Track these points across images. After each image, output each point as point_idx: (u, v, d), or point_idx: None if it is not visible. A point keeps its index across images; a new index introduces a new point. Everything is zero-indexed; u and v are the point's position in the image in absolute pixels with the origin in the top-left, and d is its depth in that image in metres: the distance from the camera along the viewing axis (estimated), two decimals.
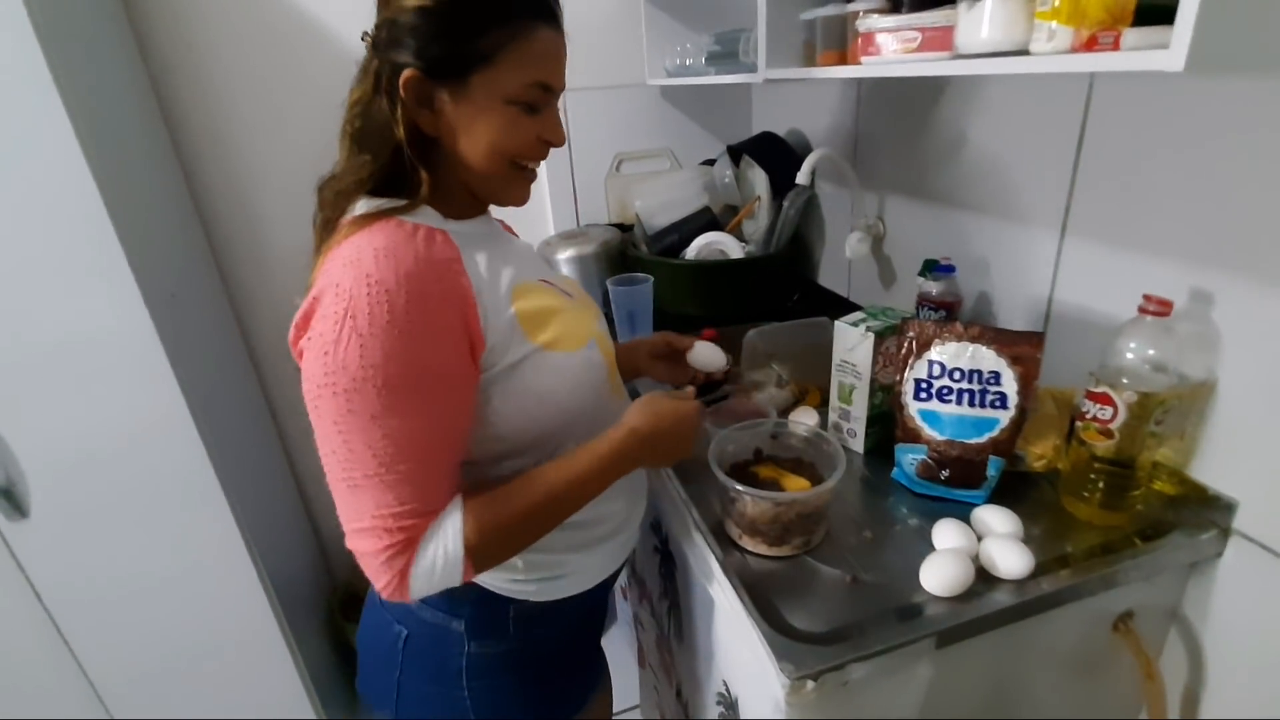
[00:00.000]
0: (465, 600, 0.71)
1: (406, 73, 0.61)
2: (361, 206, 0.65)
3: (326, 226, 0.67)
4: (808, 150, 1.25)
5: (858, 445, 0.95)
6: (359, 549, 0.59)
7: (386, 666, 0.76)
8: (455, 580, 0.60)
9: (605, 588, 0.83)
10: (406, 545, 0.58)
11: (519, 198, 0.71)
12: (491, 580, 0.72)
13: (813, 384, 1.08)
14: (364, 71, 0.65)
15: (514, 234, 0.85)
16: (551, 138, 0.68)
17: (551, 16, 0.64)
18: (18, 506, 1.10)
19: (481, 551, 0.61)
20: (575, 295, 0.80)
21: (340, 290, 0.57)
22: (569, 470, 0.66)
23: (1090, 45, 0.57)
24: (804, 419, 0.98)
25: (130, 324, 1.06)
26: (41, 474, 1.10)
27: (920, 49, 0.75)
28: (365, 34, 0.65)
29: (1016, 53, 0.63)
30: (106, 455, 1.13)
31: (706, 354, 0.92)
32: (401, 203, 0.64)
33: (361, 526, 0.58)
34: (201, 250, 1.44)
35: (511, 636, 0.74)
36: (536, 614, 0.74)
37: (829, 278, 1.58)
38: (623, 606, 1.50)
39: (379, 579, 0.59)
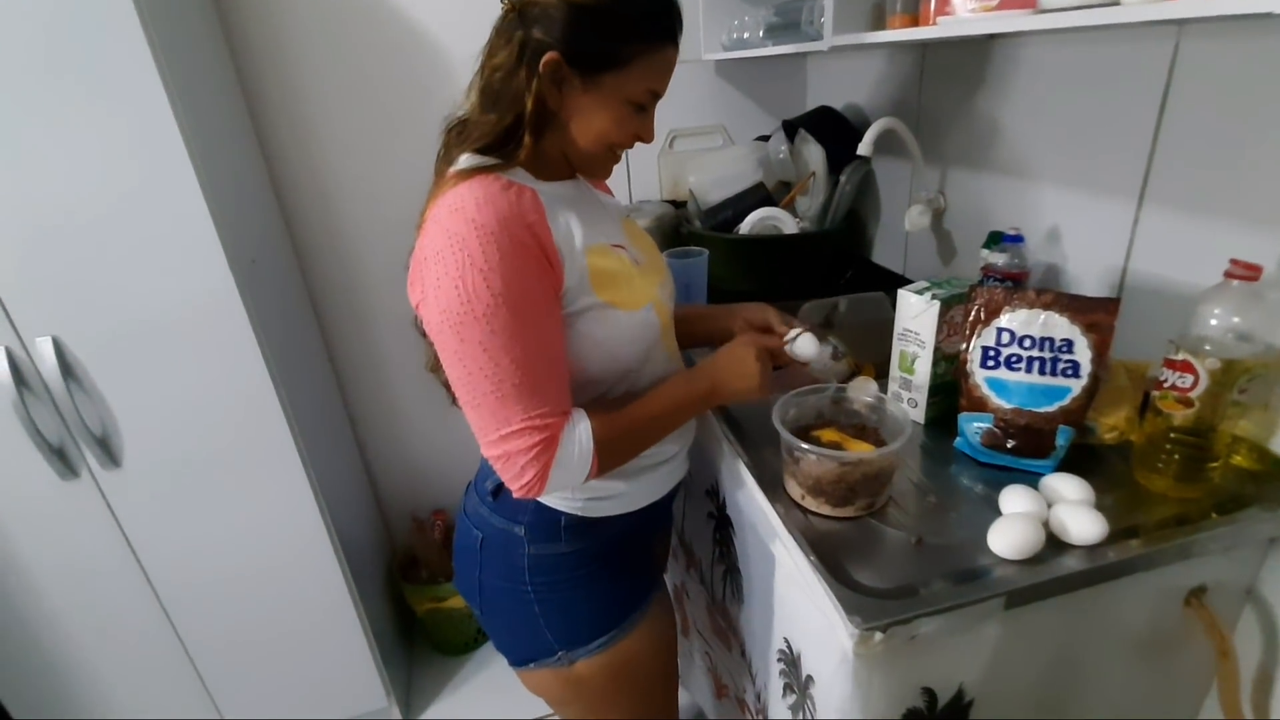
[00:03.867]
0: (525, 510, 0.83)
1: (551, 55, 0.68)
2: (464, 161, 0.73)
3: (446, 161, 0.77)
4: (866, 125, 1.23)
5: (919, 415, 0.94)
6: (508, 450, 0.69)
7: (470, 565, 0.89)
8: (583, 475, 0.72)
9: (652, 514, 0.91)
10: (551, 441, 0.69)
11: (605, 174, 0.84)
12: (546, 495, 0.78)
13: (866, 360, 1.07)
14: (503, 37, 0.72)
15: (609, 192, 0.95)
16: (645, 136, 0.78)
17: (677, 36, 0.75)
18: (112, 457, 1.18)
19: (606, 449, 0.72)
20: (645, 259, 0.86)
21: (452, 234, 0.66)
22: (669, 400, 0.79)
23: None
24: (865, 387, 0.98)
25: (216, 286, 1.12)
26: (135, 428, 1.18)
27: (1000, 7, 0.74)
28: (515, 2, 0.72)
29: (1107, 4, 0.61)
30: (194, 412, 1.20)
31: (806, 346, 0.87)
32: (499, 162, 0.72)
33: (509, 430, 0.68)
34: (278, 223, 1.50)
35: (564, 542, 0.84)
36: (585, 527, 0.84)
37: (883, 255, 1.56)
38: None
39: (524, 475, 0.69)
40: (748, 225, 1.45)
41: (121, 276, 1.09)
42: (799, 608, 0.75)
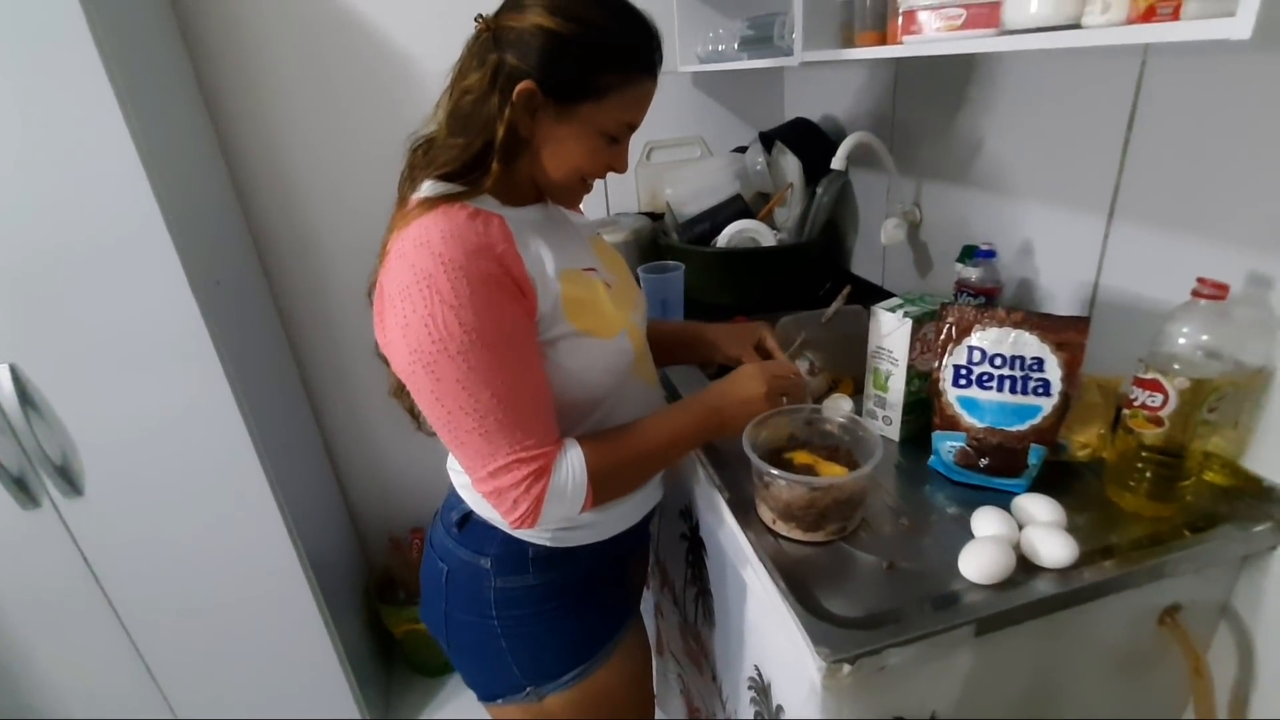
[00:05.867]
0: (492, 541, 0.81)
1: (525, 83, 0.66)
2: (428, 188, 0.71)
3: (410, 182, 0.75)
4: (842, 136, 1.23)
5: (893, 433, 0.93)
6: (499, 485, 0.67)
7: (436, 598, 0.87)
8: (579, 505, 0.70)
9: (625, 541, 0.88)
10: (542, 472, 0.67)
11: (577, 204, 0.83)
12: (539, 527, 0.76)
13: (845, 374, 1.06)
14: (476, 59, 0.69)
15: (580, 211, 0.92)
16: (618, 167, 0.77)
17: (655, 69, 0.73)
18: (74, 485, 1.15)
19: (601, 480, 0.70)
20: (617, 283, 0.84)
21: (418, 271, 0.63)
22: (670, 430, 0.77)
23: (1148, 16, 0.55)
24: (839, 407, 0.97)
25: (178, 310, 1.10)
26: (96, 455, 1.15)
27: (965, 26, 0.74)
28: (480, 16, 0.70)
29: (1068, 27, 0.61)
30: (157, 438, 1.17)
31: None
32: (464, 189, 0.70)
33: (499, 465, 0.66)
34: (245, 242, 1.48)
35: (532, 574, 0.81)
36: (555, 558, 0.82)
37: (862, 266, 1.55)
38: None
39: (518, 508, 0.67)
40: (725, 238, 1.44)
41: (79, 301, 1.06)
42: (770, 636, 0.73)
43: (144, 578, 1.26)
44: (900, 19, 0.83)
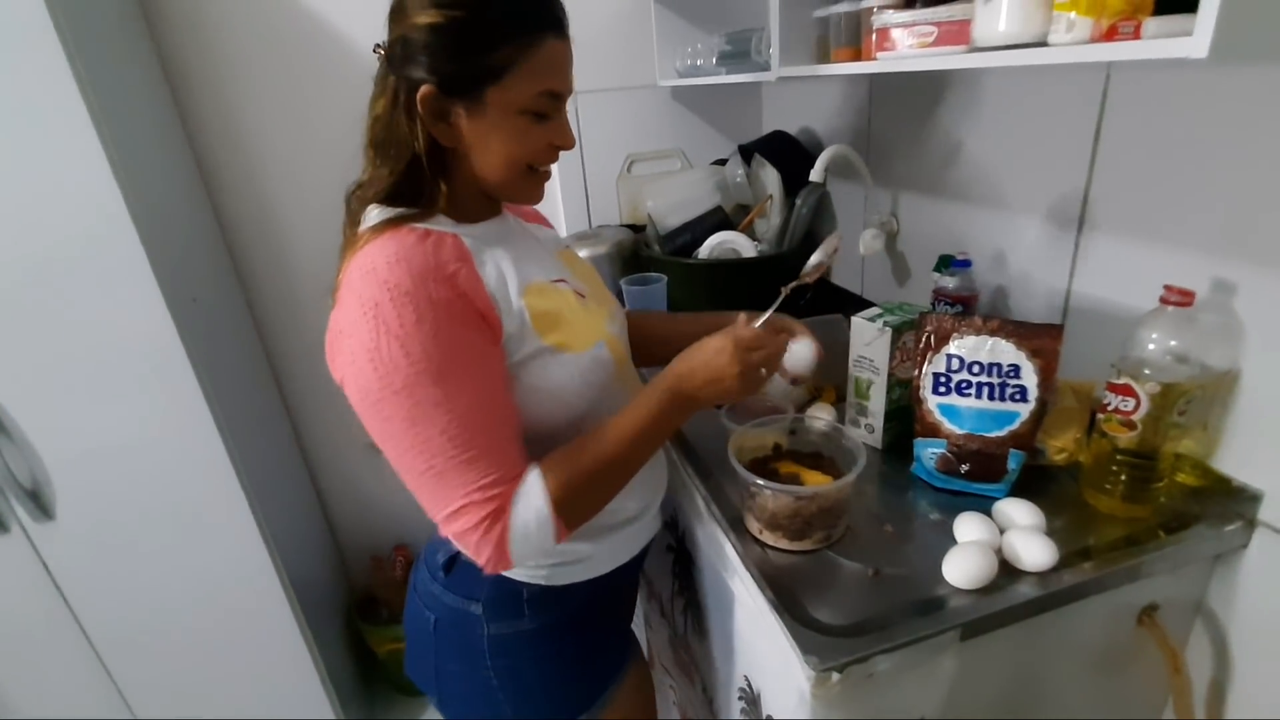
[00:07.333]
0: (481, 585, 0.76)
1: (423, 89, 0.63)
2: (375, 215, 0.67)
3: (352, 225, 0.70)
4: (820, 149, 1.25)
5: (876, 441, 0.95)
6: (456, 530, 0.62)
7: (424, 650, 0.81)
8: (550, 539, 0.64)
9: (624, 573, 0.84)
10: (499, 512, 0.62)
11: (534, 197, 0.74)
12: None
13: (827, 383, 1.08)
14: (381, 85, 0.67)
15: (544, 222, 0.89)
16: (561, 142, 0.70)
17: (557, 25, 0.66)
18: (44, 509, 1.12)
19: (568, 505, 0.65)
20: (590, 293, 0.81)
21: (364, 300, 0.60)
22: (629, 426, 0.68)
23: (1110, 35, 0.57)
24: (821, 415, 0.98)
25: (154, 328, 1.08)
26: (67, 478, 1.12)
27: (936, 43, 0.76)
28: (378, 46, 0.67)
29: (1035, 44, 0.63)
30: (131, 459, 1.15)
31: (799, 354, 0.81)
32: (413, 211, 0.66)
33: (454, 508, 0.62)
34: (221, 256, 1.46)
35: (527, 618, 0.77)
36: (551, 598, 0.77)
37: (842, 276, 1.57)
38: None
39: (481, 553, 0.63)
40: (707, 249, 1.45)
41: (50, 319, 1.04)
42: (758, 645, 0.74)
43: (118, 603, 1.23)
44: (874, 36, 0.85)
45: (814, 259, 0.92)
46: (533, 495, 0.63)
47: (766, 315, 0.79)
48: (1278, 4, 0.49)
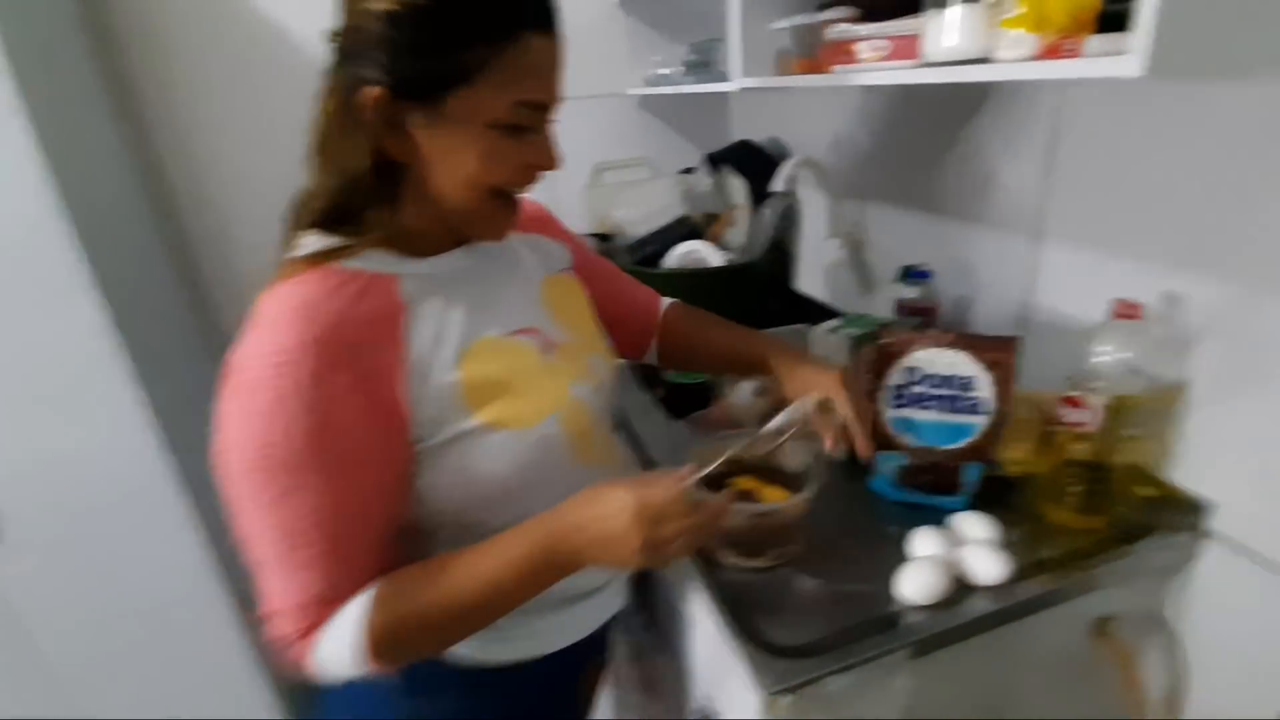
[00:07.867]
0: None
1: (373, 91, 0.51)
2: (311, 243, 0.57)
3: (286, 248, 0.60)
4: (785, 158, 1.25)
5: (836, 454, 0.94)
6: (269, 628, 0.54)
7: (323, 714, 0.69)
8: (361, 671, 0.53)
9: (580, 654, 0.71)
10: (309, 631, 0.53)
11: (497, 232, 0.61)
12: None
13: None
14: (328, 82, 0.56)
15: (548, 228, 0.78)
16: (540, 161, 0.58)
17: (543, 19, 0.53)
18: None
19: (388, 648, 0.53)
20: (570, 341, 0.68)
21: (241, 357, 0.52)
22: (488, 572, 0.55)
23: (1054, 52, 0.57)
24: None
25: (96, 343, 1.04)
26: (13, 497, 1.08)
27: (890, 57, 0.76)
28: (334, 34, 0.55)
29: (981, 60, 0.63)
30: (77, 475, 1.11)
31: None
32: (347, 243, 0.56)
33: (269, 609, 0.54)
34: (167, 269, 1.41)
35: (450, 698, 0.65)
36: (484, 679, 0.65)
37: (809, 285, 1.58)
38: None
39: (291, 659, 0.54)
40: (674, 259, 1.45)
41: None
42: (715, 665, 0.73)
43: (70, 619, 1.19)
44: (831, 49, 0.85)
45: (774, 423, 0.72)
46: (346, 631, 0.52)
47: (706, 471, 0.62)
48: (1212, 24, 0.50)
